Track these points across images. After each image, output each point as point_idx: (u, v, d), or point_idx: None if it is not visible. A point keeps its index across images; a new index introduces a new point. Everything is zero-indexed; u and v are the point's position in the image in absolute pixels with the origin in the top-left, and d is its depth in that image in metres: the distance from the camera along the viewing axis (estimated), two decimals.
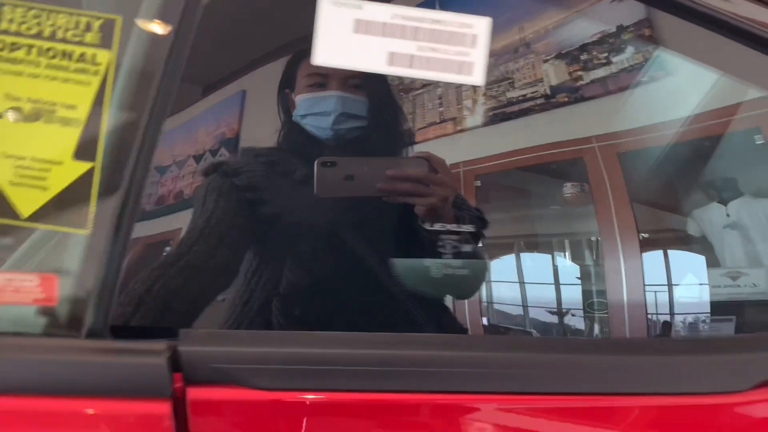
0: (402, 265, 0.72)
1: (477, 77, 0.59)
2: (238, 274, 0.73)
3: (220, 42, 0.67)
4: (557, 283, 0.92)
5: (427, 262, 0.72)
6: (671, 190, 0.92)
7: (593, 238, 0.93)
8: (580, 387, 0.59)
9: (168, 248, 0.73)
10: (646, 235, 0.90)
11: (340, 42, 0.58)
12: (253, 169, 0.74)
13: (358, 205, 0.74)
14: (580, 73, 0.92)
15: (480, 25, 0.59)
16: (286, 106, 0.77)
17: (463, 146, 0.91)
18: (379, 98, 0.76)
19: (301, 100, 0.74)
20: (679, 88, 0.85)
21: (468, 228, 0.72)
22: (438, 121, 0.89)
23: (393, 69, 0.59)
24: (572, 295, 0.90)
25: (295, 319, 0.74)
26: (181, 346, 0.58)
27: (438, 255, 0.72)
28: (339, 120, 0.74)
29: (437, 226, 0.71)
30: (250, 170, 0.74)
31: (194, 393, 0.58)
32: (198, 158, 0.73)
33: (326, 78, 0.74)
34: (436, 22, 0.58)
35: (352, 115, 0.74)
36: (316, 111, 0.74)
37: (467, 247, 0.73)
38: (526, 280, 0.91)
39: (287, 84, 0.77)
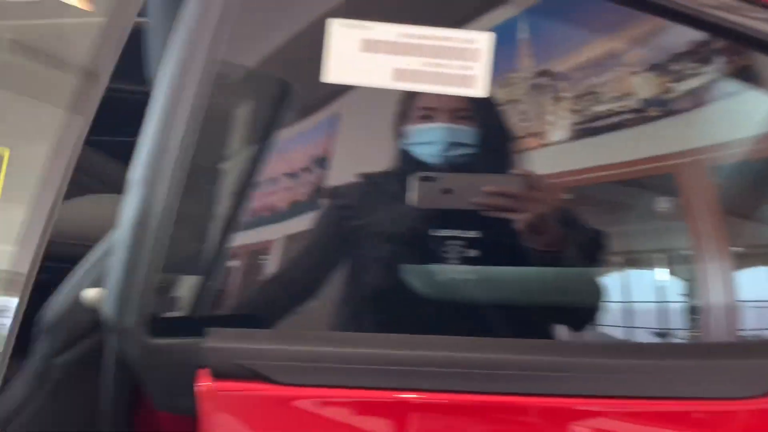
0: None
1: (480, 89, 0.61)
2: (332, 281, 0.78)
3: (314, 69, 0.72)
4: (653, 301, 0.88)
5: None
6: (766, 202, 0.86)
7: (686, 253, 0.88)
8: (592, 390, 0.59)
9: (262, 257, 0.80)
10: (740, 250, 0.85)
11: (349, 61, 0.62)
12: (360, 193, 0.79)
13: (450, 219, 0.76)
14: (671, 85, 0.88)
15: (482, 40, 0.60)
16: (397, 133, 0.81)
17: (551, 160, 0.91)
18: (489, 126, 0.78)
19: (410, 130, 0.78)
20: None
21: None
22: (523, 135, 0.90)
23: (399, 84, 0.62)
24: (668, 312, 0.87)
25: (382, 322, 0.77)
26: (206, 343, 0.64)
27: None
28: (446, 149, 0.77)
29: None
30: (356, 194, 0.79)
31: (220, 387, 0.64)
32: (290, 176, 0.79)
33: (434, 110, 0.77)
34: (440, 39, 0.61)
35: (460, 144, 0.77)
36: (424, 140, 0.78)
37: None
38: (621, 298, 0.88)
39: (399, 113, 0.81)
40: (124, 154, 2.26)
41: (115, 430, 0.83)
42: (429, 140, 0.78)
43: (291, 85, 0.76)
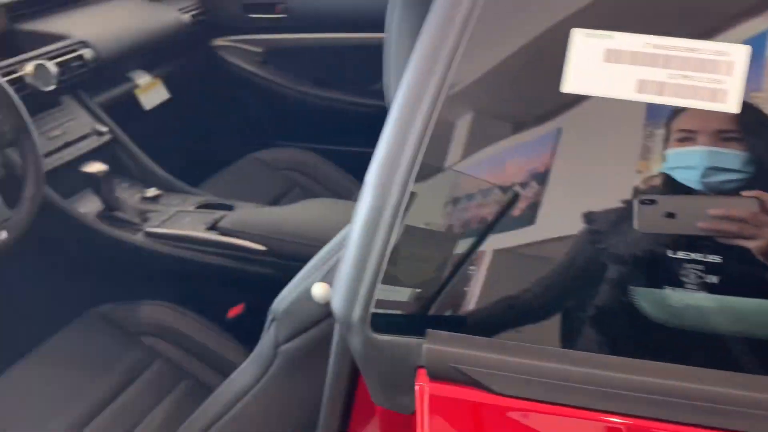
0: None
1: (731, 104, 0.57)
2: (557, 298, 0.76)
3: (535, 80, 0.72)
4: None
5: None
6: None
7: None
8: None
9: (474, 267, 0.80)
10: None
11: (590, 71, 0.61)
12: (611, 217, 0.76)
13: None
14: None
15: (737, 53, 0.56)
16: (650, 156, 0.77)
17: None
18: (763, 149, 0.73)
19: (669, 153, 0.75)
20: None
21: None
22: None
23: (641, 96, 0.59)
24: None
25: (606, 344, 0.74)
26: (426, 344, 0.66)
27: None
28: (707, 174, 0.73)
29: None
30: (606, 218, 0.76)
31: (435, 388, 0.66)
32: (504, 189, 0.80)
33: (695, 133, 0.73)
34: (690, 50, 0.58)
35: (724, 168, 0.73)
36: (683, 165, 0.74)
37: None
38: None
39: (662, 137, 0.77)
40: (349, 162, 2.41)
41: (334, 418, 0.87)
42: (687, 165, 0.73)
43: (516, 97, 0.76)
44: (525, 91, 0.72)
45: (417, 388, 0.66)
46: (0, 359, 1.50)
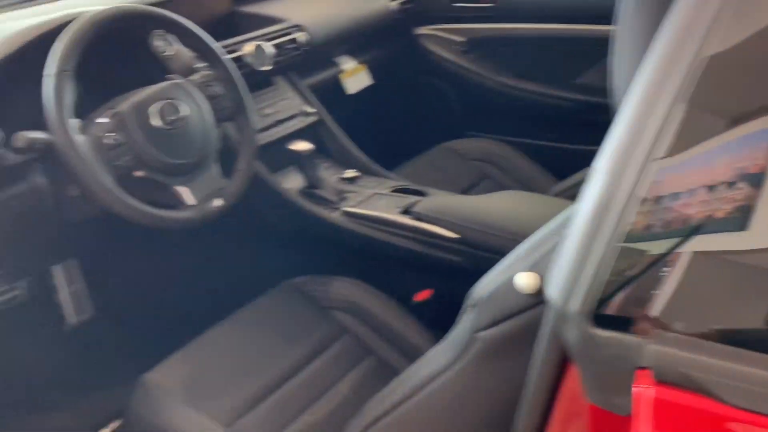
0: None
1: None
2: None
3: (756, 73, 0.67)
4: None
5: None
6: None
7: None
8: None
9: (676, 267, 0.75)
10: None
11: None
12: None
13: None
14: None
15: None
16: None
17: None
18: None
19: None
20: None
21: None
22: None
23: None
24: None
25: None
26: (652, 344, 0.62)
27: None
28: None
29: None
30: None
31: (661, 392, 0.61)
32: (710, 188, 0.74)
33: None
34: None
35: None
36: None
37: None
38: None
39: None
40: (542, 156, 2.36)
41: (536, 411, 0.85)
42: None
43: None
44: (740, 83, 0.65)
45: (638, 389, 0.62)
46: (201, 320, 1.61)
